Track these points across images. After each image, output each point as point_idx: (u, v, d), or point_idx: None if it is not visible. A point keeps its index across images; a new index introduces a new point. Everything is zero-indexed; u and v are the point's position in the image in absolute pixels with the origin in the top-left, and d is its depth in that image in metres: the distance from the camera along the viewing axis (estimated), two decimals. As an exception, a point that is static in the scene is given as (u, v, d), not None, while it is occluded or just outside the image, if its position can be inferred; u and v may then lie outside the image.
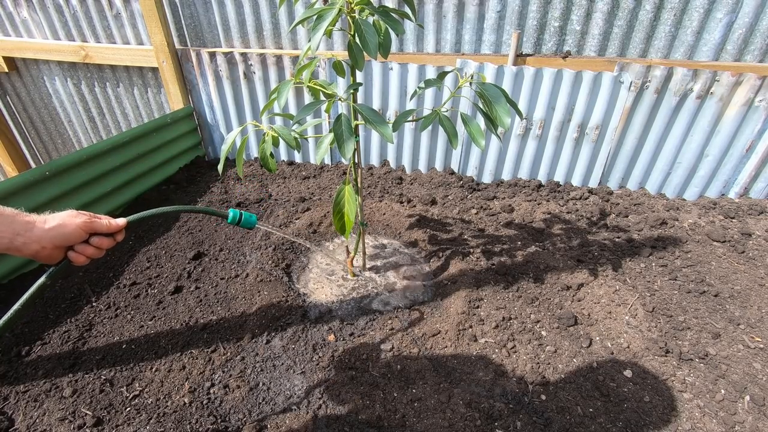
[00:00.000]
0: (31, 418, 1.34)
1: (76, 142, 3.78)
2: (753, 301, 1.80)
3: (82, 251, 0.94)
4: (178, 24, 2.88)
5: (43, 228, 0.88)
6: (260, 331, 1.66)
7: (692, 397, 1.41)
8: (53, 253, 0.91)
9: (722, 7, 2.16)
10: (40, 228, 0.88)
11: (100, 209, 2.39)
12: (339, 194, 1.59)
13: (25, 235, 0.86)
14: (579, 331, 1.67)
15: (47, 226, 0.89)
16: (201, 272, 2.00)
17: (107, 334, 1.66)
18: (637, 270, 1.98)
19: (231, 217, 1.21)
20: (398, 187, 2.78)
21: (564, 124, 2.57)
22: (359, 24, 1.20)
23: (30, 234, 0.87)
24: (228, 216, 1.21)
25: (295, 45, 2.81)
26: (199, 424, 1.32)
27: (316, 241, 2.25)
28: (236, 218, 1.21)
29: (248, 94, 2.97)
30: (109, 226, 0.97)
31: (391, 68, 2.62)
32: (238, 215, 1.21)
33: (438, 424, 1.31)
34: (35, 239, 0.87)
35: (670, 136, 2.48)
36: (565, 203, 2.57)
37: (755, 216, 2.37)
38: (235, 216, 1.21)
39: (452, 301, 1.80)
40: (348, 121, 1.29)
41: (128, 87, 3.29)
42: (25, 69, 3.45)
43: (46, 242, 0.88)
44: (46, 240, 0.88)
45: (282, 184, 2.86)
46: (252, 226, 1.26)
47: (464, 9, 2.47)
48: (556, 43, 2.46)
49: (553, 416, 1.34)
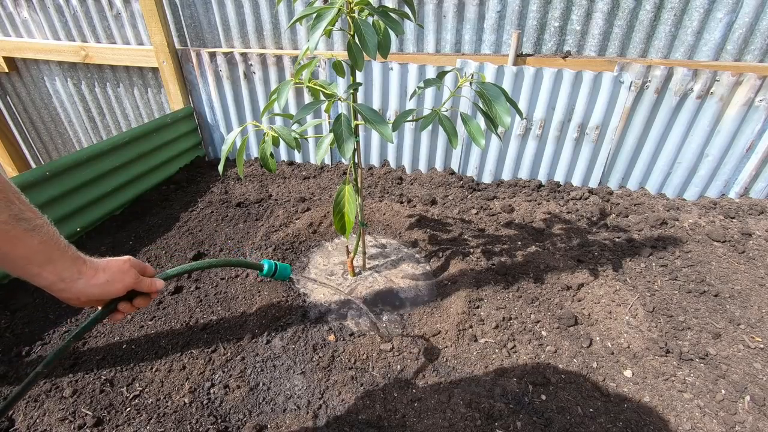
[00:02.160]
0: (32, 419, 1.34)
1: (76, 142, 3.78)
2: (753, 301, 1.80)
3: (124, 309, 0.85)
4: (178, 24, 2.88)
5: (88, 282, 0.76)
6: (260, 331, 1.66)
7: (692, 397, 1.41)
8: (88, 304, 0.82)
9: (722, 6, 2.16)
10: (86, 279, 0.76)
11: (101, 209, 2.39)
12: (339, 194, 1.59)
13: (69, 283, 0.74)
14: (579, 331, 1.67)
15: (93, 282, 0.77)
16: (201, 272, 2.00)
17: (107, 335, 1.66)
18: (638, 270, 1.98)
19: (267, 270, 1.15)
20: (398, 187, 2.78)
21: (564, 124, 2.57)
22: (359, 24, 1.20)
23: (73, 284, 0.74)
24: (263, 268, 1.15)
25: (295, 45, 2.81)
26: (199, 424, 1.32)
27: (316, 240, 2.25)
28: (271, 270, 1.15)
29: (248, 95, 2.97)
30: (150, 287, 0.88)
31: (391, 68, 2.62)
32: (273, 267, 1.16)
33: (438, 424, 1.31)
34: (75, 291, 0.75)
35: (670, 136, 2.48)
36: (566, 203, 2.57)
37: (755, 216, 2.37)
38: (270, 267, 1.15)
39: (452, 301, 1.80)
40: (348, 120, 1.29)
41: (128, 87, 3.29)
42: (26, 69, 3.45)
43: (83, 296, 0.77)
44: (84, 295, 0.77)
45: (282, 184, 2.86)
46: (286, 278, 1.20)
47: (464, 9, 2.47)
48: (556, 43, 2.46)
49: (553, 416, 1.34)
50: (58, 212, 2.11)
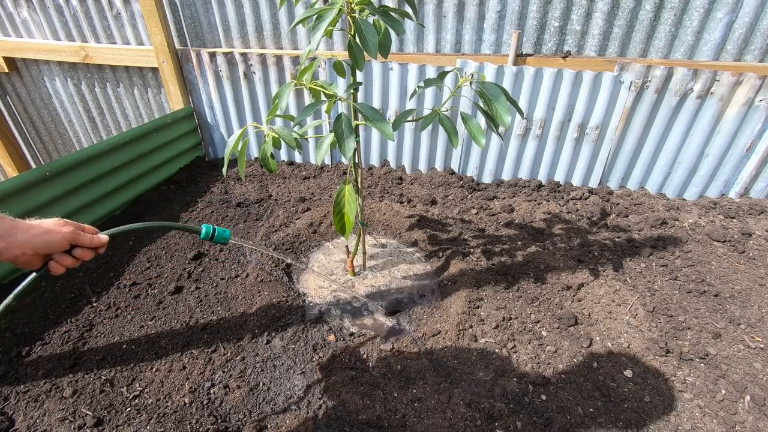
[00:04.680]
0: (32, 419, 1.34)
1: (76, 142, 3.78)
2: (753, 300, 1.80)
3: (61, 261, 0.92)
4: (178, 24, 2.88)
5: (27, 234, 0.85)
6: (260, 331, 1.66)
7: (692, 397, 1.41)
8: (32, 260, 0.89)
9: (722, 6, 2.16)
10: (25, 233, 0.85)
11: (101, 209, 2.39)
12: (339, 194, 1.59)
13: (7, 239, 0.83)
14: (579, 331, 1.66)
15: (32, 233, 0.86)
16: (201, 272, 2.00)
17: (107, 335, 1.66)
18: (638, 270, 1.98)
19: (204, 233, 1.17)
20: (398, 187, 2.78)
21: (564, 124, 2.57)
22: (359, 24, 1.20)
23: (13, 239, 0.84)
24: (201, 232, 1.17)
25: (295, 45, 2.81)
26: (199, 424, 1.32)
27: (316, 241, 2.25)
28: (209, 234, 1.17)
29: (248, 95, 2.97)
30: (91, 241, 0.95)
31: (391, 68, 2.62)
32: (211, 230, 1.18)
33: (438, 424, 1.31)
34: (17, 244, 0.84)
35: (670, 135, 2.48)
36: (566, 203, 2.57)
37: (755, 216, 2.37)
38: (208, 231, 1.17)
39: (452, 301, 1.80)
40: (348, 120, 1.29)
41: (128, 87, 3.29)
42: (26, 69, 3.45)
43: (27, 248, 0.86)
44: (28, 246, 0.86)
45: (282, 184, 2.86)
46: (226, 242, 1.21)
47: (464, 9, 2.47)
48: (556, 43, 2.46)
49: (553, 416, 1.34)
50: (58, 212, 2.11)
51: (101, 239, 0.97)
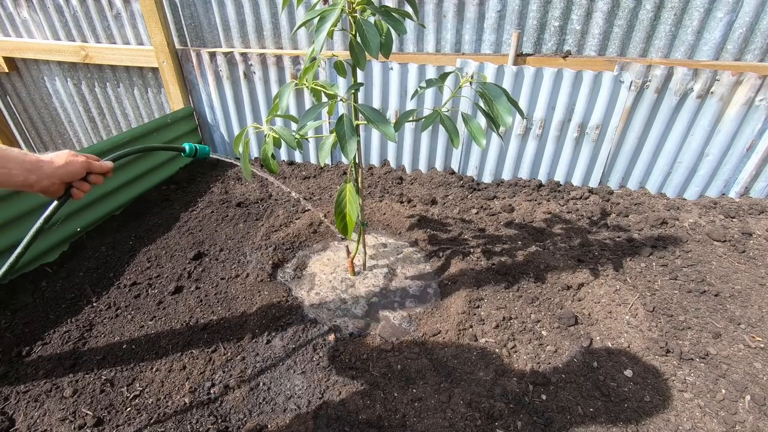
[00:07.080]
0: (32, 419, 1.34)
1: (76, 142, 3.78)
2: (753, 300, 1.80)
3: (81, 187, 1.06)
4: (178, 24, 2.88)
5: (52, 166, 0.98)
6: (260, 331, 1.66)
7: (693, 397, 1.41)
8: (59, 189, 1.03)
9: (722, 6, 2.16)
10: (50, 166, 0.98)
11: (101, 209, 2.39)
12: (341, 194, 1.59)
13: (38, 172, 0.96)
14: (579, 330, 1.67)
15: (56, 164, 0.99)
16: (201, 272, 2.00)
17: (108, 334, 1.66)
18: (638, 270, 1.98)
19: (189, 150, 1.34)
20: (398, 186, 2.78)
21: (564, 124, 2.57)
22: (361, 24, 1.20)
23: (41, 171, 0.96)
24: (185, 150, 1.34)
25: (296, 45, 2.81)
26: (199, 424, 1.32)
27: (316, 240, 2.25)
28: (192, 150, 1.35)
29: (248, 94, 2.97)
30: (101, 167, 1.10)
31: (392, 68, 2.62)
32: (194, 149, 1.35)
33: (438, 424, 1.31)
34: (46, 176, 0.97)
35: (670, 135, 2.48)
36: (566, 203, 2.57)
37: (756, 215, 2.37)
38: (192, 149, 1.35)
39: (452, 301, 1.80)
40: (350, 121, 1.29)
41: (128, 87, 3.28)
42: (26, 69, 3.45)
43: (55, 178, 0.99)
44: (56, 176, 0.99)
45: (282, 183, 2.86)
46: (207, 156, 1.40)
47: (464, 9, 2.47)
48: (556, 43, 2.46)
49: (553, 416, 1.34)
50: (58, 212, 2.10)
51: (109, 165, 1.12)
